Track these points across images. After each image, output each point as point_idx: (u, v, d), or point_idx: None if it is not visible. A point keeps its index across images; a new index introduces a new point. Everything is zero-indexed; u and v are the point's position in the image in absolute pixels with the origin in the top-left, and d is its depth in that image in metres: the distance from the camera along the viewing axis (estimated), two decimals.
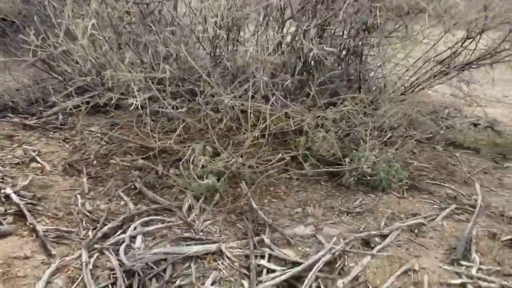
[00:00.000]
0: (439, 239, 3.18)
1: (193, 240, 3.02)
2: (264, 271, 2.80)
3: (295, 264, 2.82)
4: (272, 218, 3.26)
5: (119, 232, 3.04)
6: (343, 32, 4.64)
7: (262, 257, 2.90)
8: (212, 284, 2.66)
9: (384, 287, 2.67)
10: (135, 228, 3.06)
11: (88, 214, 3.26)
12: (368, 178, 3.73)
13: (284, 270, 2.77)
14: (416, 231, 3.25)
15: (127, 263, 2.67)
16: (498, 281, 2.73)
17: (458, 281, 2.72)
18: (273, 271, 2.79)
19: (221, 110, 3.81)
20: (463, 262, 2.93)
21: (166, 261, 2.79)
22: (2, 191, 3.31)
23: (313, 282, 2.71)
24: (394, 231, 3.18)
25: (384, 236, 3.15)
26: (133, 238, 2.99)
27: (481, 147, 5.06)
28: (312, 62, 4.47)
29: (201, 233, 3.12)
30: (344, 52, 4.78)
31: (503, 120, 6.15)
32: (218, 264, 2.83)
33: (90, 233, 3.03)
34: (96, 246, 2.86)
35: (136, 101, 3.32)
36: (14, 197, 3.24)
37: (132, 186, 3.63)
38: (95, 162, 4.07)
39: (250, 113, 3.67)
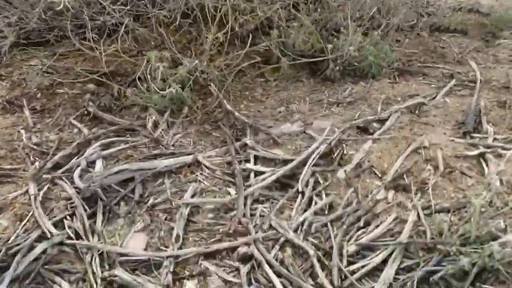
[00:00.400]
0: (444, 116, 2.80)
1: (164, 156, 2.54)
2: (252, 175, 2.38)
3: (286, 162, 2.40)
4: (253, 120, 2.79)
5: (73, 160, 2.53)
6: None
7: (247, 161, 2.48)
8: (193, 196, 2.22)
9: (392, 170, 2.29)
10: (93, 153, 2.55)
11: (35, 147, 2.71)
12: (355, 65, 3.26)
13: (274, 170, 2.35)
14: (417, 111, 2.86)
15: (84, 187, 2.19)
16: None
17: (475, 152, 2.37)
18: (262, 173, 2.37)
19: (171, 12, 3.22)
20: (475, 135, 2.58)
21: (134, 180, 2.33)
22: None
23: (310, 177, 2.31)
24: (393, 114, 2.78)
25: (382, 121, 2.74)
26: (91, 163, 2.49)
27: (469, 28, 4.64)
28: None
29: (172, 148, 2.64)
30: None
31: (485, 3, 5.71)
32: (197, 175, 2.39)
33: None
34: (46, 176, 2.36)
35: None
36: None
37: (85, 112, 3.07)
38: (39, 95, 3.44)
39: (208, 8, 3.10)
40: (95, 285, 1.81)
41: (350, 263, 1.86)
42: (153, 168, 2.36)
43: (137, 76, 3.13)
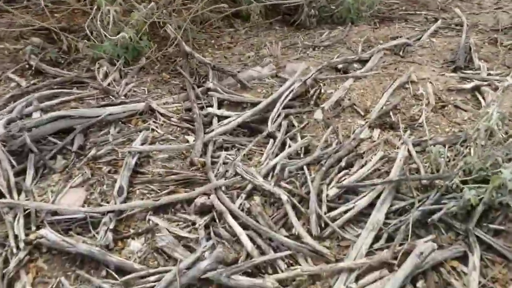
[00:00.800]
0: (431, 55, 2.50)
1: (112, 106, 2.16)
2: (215, 120, 2.03)
3: (255, 105, 2.05)
4: (218, 66, 2.42)
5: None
6: None
7: (210, 106, 2.12)
8: (142, 144, 1.86)
9: (377, 107, 1.97)
10: (28, 104, 2.15)
11: None
12: (332, 8, 2.93)
13: (240, 114, 2.01)
14: (401, 52, 2.54)
15: (9, 136, 1.80)
16: None
17: (470, 85, 2.07)
18: (226, 118, 2.02)
19: None
20: (467, 71, 2.28)
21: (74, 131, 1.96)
22: None
23: (283, 119, 1.98)
24: (375, 54, 2.45)
25: (364, 62, 2.42)
26: (27, 116, 2.10)
27: None
28: None
29: (124, 97, 2.26)
30: None
31: None
32: (149, 124, 2.02)
33: None
34: None
35: None
36: None
37: (27, 66, 2.65)
38: None
39: None
40: (15, 250, 1.44)
41: (330, 209, 1.54)
42: (96, 116, 1.98)
43: (86, 24, 2.72)
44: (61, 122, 1.93)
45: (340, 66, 2.36)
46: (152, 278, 1.34)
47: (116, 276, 1.36)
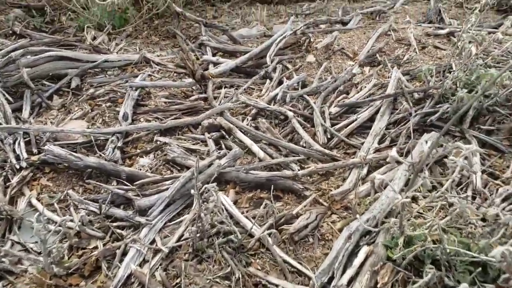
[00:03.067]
0: (405, 18, 2.67)
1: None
2: (211, 66, 2.07)
3: (247, 53, 2.11)
4: (210, 22, 2.47)
5: None
6: None
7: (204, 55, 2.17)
8: (143, 80, 1.87)
9: (364, 50, 2.09)
10: (13, 61, 2.10)
11: None
12: None
13: (235, 60, 2.07)
14: (377, 17, 2.71)
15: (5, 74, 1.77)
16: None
17: (445, 30, 2.24)
18: (222, 63, 2.07)
19: None
20: (439, 25, 2.47)
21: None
22: None
23: (277, 64, 2.05)
24: (355, 17, 2.61)
25: (345, 23, 2.56)
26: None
27: None
28: None
29: (116, 54, 2.27)
30: None
31: None
32: (145, 71, 2.04)
33: None
34: None
35: None
36: None
37: (10, 32, 2.59)
38: None
39: None
40: (18, 167, 1.40)
41: (334, 125, 1.61)
42: (93, 61, 1.98)
43: None
44: (58, 64, 1.91)
45: (323, 26, 2.49)
46: (167, 182, 1.34)
47: (129, 184, 1.35)
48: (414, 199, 1.22)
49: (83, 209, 1.26)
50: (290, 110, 1.65)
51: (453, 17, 2.62)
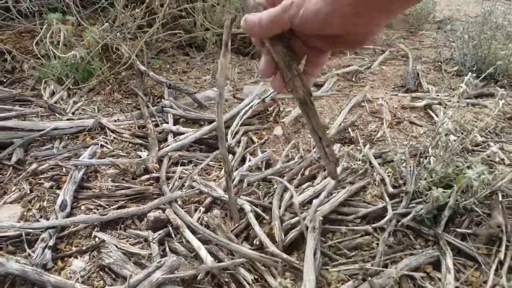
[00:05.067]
0: (382, 81, 2.58)
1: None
2: (170, 137, 1.92)
3: (212, 122, 1.97)
4: (174, 84, 2.34)
5: None
6: None
7: (165, 123, 2.02)
8: (91, 158, 1.70)
9: (336, 124, 1.97)
10: None
11: None
12: None
13: (197, 130, 1.92)
14: (354, 78, 2.61)
15: None
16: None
17: (422, 103, 2.13)
18: (182, 134, 1.92)
19: None
20: (417, 93, 2.37)
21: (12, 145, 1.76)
22: None
23: (242, 136, 1.91)
24: (330, 78, 2.50)
25: (319, 86, 2.45)
26: None
27: (393, 23, 4.67)
28: None
29: (72, 115, 2.11)
30: None
31: None
32: (98, 140, 1.87)
33: None
34: None
35: None
36: None
37: None
38: None
39: None
40: None
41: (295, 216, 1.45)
42: (39, 130, 1.81)
43: (34, 42, 2.57)
44: (1, 133, 1.74)
45: None
46: None
47: None
48: None
49: None
50: (248, 201, 1.49)
51: (431, 82, 2.53)
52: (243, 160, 1.78)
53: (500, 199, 1.45)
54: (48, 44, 2.46)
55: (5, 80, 2.54)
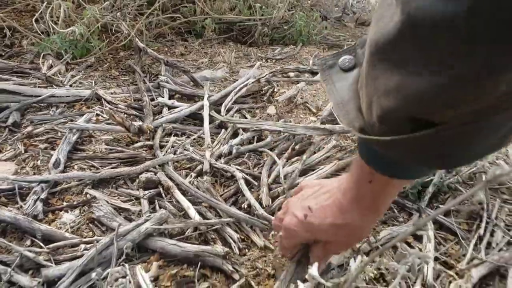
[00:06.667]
0: None
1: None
2: (165, 110, 1.95)
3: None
4: (171, 61, 2.37)
5: None
6: None
7: (161, 97, 2.05)
8: (87, 122, 1.73)
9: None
10: None
11: None
12: (285, 29, 3.04)
13: (191, 105, 1.95)
14: None
15: None
16: None
17: None
18: (177, 108, 1.95)
19: None
20: None
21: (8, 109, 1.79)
22: None
23: (236, 113, 1.95)
24: None
25: (314, 73, 2.49)
26: None
27: None
28: None
29: (69, 87, 2.14)
30: None
31: None
32: (94, 109, 1.90)
33: None
34: None
35: None
36: None
37: None
38: None
39: None
40: None
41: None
42: (36, 96, 1.84)
43: (34, 19, 2.61)
44: None
45: (292, 74, 2.41)
46: (84, 246, 1.19)
47: (43, 245, 1.20)
48: None
49: None
50: (238, 169, 1.53)
51: None
52: (235, 134, 1.81)
53: (483, 179, 1.50)
54: (48, 20, 2.50)
55: (3, 54, 2.56)
